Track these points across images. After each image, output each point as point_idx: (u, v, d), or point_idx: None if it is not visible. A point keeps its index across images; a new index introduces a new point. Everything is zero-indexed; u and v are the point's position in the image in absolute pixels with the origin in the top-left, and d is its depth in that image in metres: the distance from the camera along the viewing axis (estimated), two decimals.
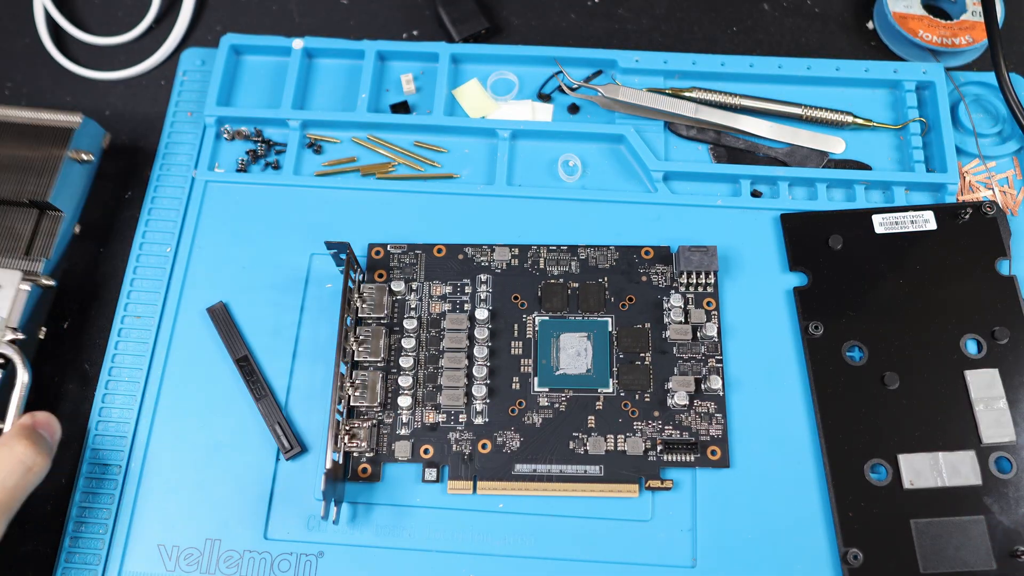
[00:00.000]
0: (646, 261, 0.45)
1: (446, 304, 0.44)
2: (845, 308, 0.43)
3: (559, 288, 0.44)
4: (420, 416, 0.42)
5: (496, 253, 0.45)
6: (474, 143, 0.49)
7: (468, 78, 0.51)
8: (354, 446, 0.40)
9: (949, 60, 0.51)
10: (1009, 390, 0.41)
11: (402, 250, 0.45)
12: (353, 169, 0.48)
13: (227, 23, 0.54)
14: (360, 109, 0.49)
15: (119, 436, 0.42)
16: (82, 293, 0.47)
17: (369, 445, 0.41)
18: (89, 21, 0.55)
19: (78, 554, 0.40)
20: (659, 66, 0.50)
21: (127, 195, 0.49)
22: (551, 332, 0.43)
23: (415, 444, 0.41)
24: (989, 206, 0.45)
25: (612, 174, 0.48)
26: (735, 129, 0.48)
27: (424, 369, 0.43)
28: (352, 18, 0.54)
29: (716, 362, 0.42)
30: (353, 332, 0.42)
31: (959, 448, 0.40)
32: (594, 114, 0.50)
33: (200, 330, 0.44)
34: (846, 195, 0.47)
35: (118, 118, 0.52)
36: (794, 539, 0.39)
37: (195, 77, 0.51)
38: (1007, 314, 0.43)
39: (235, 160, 0.49)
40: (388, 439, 0.41)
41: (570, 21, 0.54)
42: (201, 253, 0.46)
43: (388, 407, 0.42)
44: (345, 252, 0.41)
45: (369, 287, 0.43)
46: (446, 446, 0.41)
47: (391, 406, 0.42)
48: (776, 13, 0.54)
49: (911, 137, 0.48)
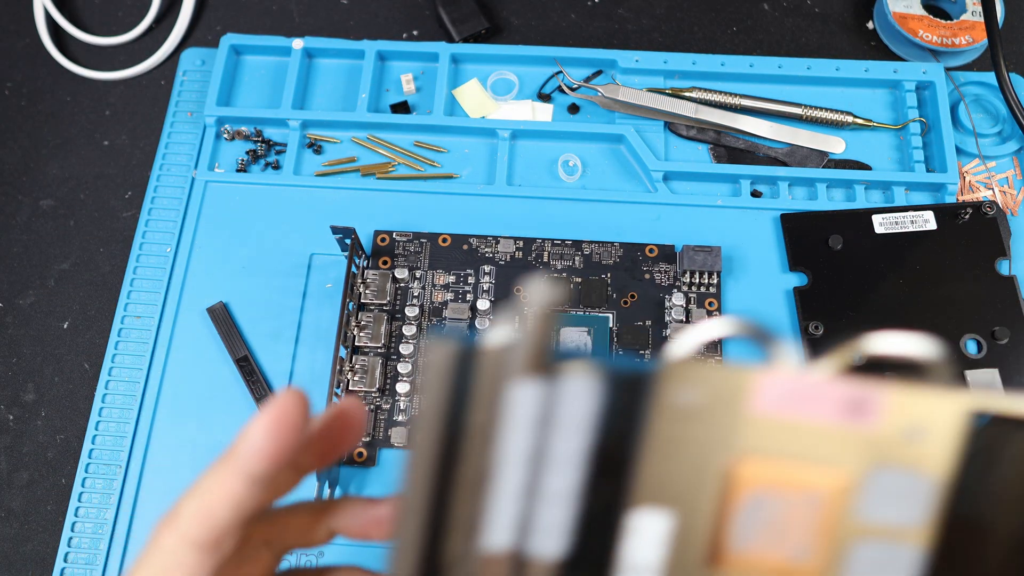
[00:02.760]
0: (650, 259, 0.45)
1: (448, 293, 0.44)
2: (845, 308, 0.43)
3: (562, 282, 0.44)
4: (418, 403, 0.42)
5: (500, 245, 0.45)
6: (474, 143, 0.49)
7: (468, 78, 0.51)
8: None
9: (949, 60, 0.51)
10: (1009, 390, 0.41)
11: (407, 238, 0.45)
12: (353, 169, 0.48)
13: (227, 23, 0.54)
14: (360, 109, 0.49)
15: (119, 436, 0.42)
16: (82, 293, 0.47)
17: (366, 430, 0.41)
18: (89, 21, 0.55)
19: (78, 554, 0.40)
20: (659, 66, 0.50)
21: (127, 195, 0.49)
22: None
23: (412, 431, 0.41)
24: (989, 206, 0.45)
25: (612, 174, 0.48)
26: (735, 129, 0.48)
27: (424, 357, 0.43)
28: (352, 18, 0.54)
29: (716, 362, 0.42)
30: (355, 317, 0.43)
31: None
32: (594, 114, 0.50)
33: (200, 330, 0.44)
34: (846, 195, 0.47)
35: (118, 118, 0.52)
36: None
37: (195, 77, 0.51)
38: (1007, 314, 0.43)
39: (235, 160, 0.49)
40: (385, 424, 0.41)
41: (570, 21, 0.54)
42: (201, 253, 0.46)
43: (386, 393, 0.42)
44: (350, 237, 0.41)
45: (373, 273, 0.44)
46: None
47: (389, 392, 0.42)
48: (776, 13, 0.54)
49: (911, 137, 0.48)
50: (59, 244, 0.48)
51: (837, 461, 0.15)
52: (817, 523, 0.15)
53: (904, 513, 0.14)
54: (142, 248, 0.46)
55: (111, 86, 0.53)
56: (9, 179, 0.50)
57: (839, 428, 0.14)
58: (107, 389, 0.43)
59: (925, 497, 0.14)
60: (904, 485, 0.14)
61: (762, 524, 0.15)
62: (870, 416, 0.14)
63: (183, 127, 0.50)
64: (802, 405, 0.15)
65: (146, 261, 0.46)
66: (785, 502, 0.15)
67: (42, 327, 0.46)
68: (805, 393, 0.15)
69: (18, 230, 0.48)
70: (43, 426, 0.43)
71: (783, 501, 0.15)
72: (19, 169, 0.50)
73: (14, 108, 0.52)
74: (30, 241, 0.48)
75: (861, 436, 0.14)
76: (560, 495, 0.15)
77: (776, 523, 0.15)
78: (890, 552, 0.14)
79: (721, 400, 0.15)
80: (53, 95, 0.53)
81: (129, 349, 0.44)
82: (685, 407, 0.15)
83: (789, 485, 0.15)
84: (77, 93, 0.53)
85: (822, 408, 0.14)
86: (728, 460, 0.15)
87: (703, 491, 0.15)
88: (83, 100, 0.52)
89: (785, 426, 0.15)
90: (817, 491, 0.15)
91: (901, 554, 0.14)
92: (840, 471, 0.15)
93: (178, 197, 0.48)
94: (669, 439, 0.15)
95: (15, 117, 0.52)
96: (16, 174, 0.50)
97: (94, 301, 0.46)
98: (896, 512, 0.14)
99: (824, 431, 0.15)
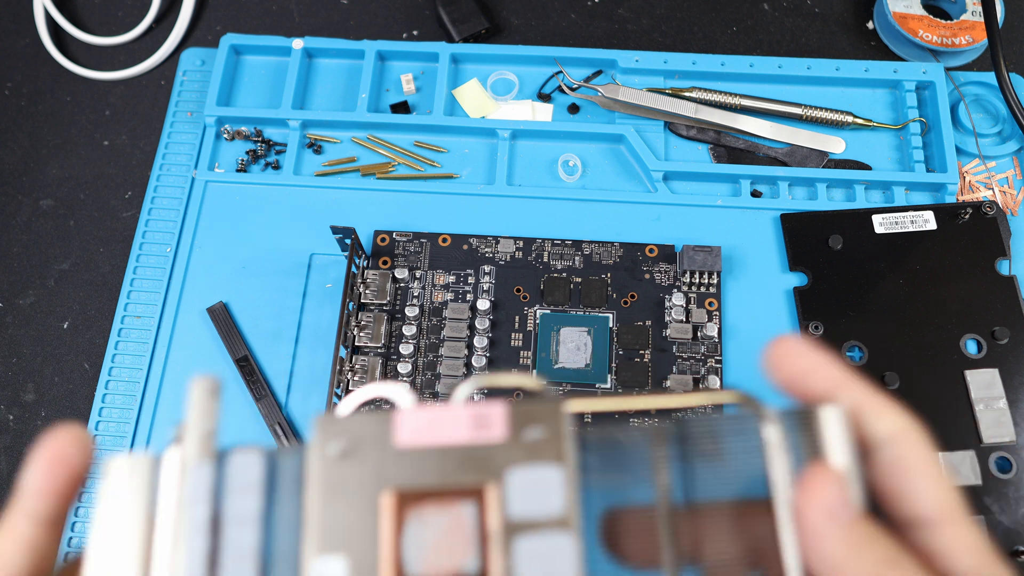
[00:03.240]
0: (650, 259, 0.45)
1: (448, 293, 0.44)
2: (845, 308, 0.43)
3: (562, 282, 0.44)
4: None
5: (500, 245, 0.45)
6: (474, 143, 0.49)
7: (468, 78, 0.51)
8: None
9: (949, 60, 0.51)
10: (1009, 390, 0.41)
11: (407, 238, 0.45)
12: (353, 169, 0.48)
13: (227, 23, 0.54)
14: (360, 109, 0.49)
15: (119, 436, 0.42)
16: (82, 293, 0.47)
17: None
18: (89, 21, 0.55)
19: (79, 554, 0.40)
20: (659, 66, 0.50)
21: (127, 195, 0.49)
22: (552, 325, 0.43)
23: None
24: (989, 206, 0.45)
25: (612, 174, 0.48)
26: (735, 129, 0.48)
27: (424, 357, 0.43)
28: (352, 18, 0.54)
29: (715, 362, 0.42)
30: (355, 317, 0.43)
31: (959, 448, 0.40)
32: (594, 114, 0.50)
33: (200, 330, 0.44)
34: (846, 195, 0.47)
35: (118, 118, 0.52)
36: None
37: (195, 77, 0.51)
38: (1007, 314, 0.43)
39: (235, 160, 0.49)
40: None
41: (570, 21, 0.54)
42: (201, 253, 0.46)
43: None
44: (350, 237, 0.41)
45: (373, 273, 0.44)
46: None
47: None
48: (776, 13, 0.54)
49: (911, 137, 0.48)
50: (59, 244, 0.48)
51: (478, 471, 0.17)
52: (478, 531, 0.17)
53: (545, 503, 0.17)
54: (142, 248, 0.46)
55: (111, 86, 0.53)
56: (9, 179, 0.50)
57: (472, 442, 0.17)
58: (107, 389, 0.43)
59: (558, 485, 0.17)
60: (536, 479, 0.17)
61: (429, 544, 0.17)
62: (493, 428, 0.17)
63: (183, 127, 0.50)
64: (438, 431, 0.17)
65: (146, 261, 0.46)
66: (444, 519, 0.17)
67: (42, 327, 0.46)
68: (439, 420, 0.17)
69: (18, 230, 0.48)
70: (43, 426, 0.43)
71: (442, 518, 0.17)
72: (19, 169, 0.50)
73: (14, 108, 0.52)
74: (30, 241, 0.48)
75: (491, 445, 0.17)
76: (243, 553, 0.17)
77: (441, 540, 0.17)
78: (548, 541, 0.16)
79: (369, 442, 0.17)
80: (53, 95, 0.53)
81: (129, 349, 0.44)
82: (341, 455, 0.17)
83: (443, 502, 0.17)
84: (77, 93, 0.53)
85: (455, 430, 0.17)
86: (384, 493, 0.17)
87: (369, 527, 0.17)
88: (83, 100, 0.52)
89: (428, 451, 0.17)
90: (468, 501, 0.17)
91: (559, 541, 0.16)
92: (481, 478, 0.17)
93: (178, 197, 0.48)
94: (332, 486, 0.17)
95: (15, 117, 0.52)
96: (16, 174, 0.50)
97: (94, 301, 0.46)
98: (538, 504, 0.17)
99: (461, 448, 0.17)
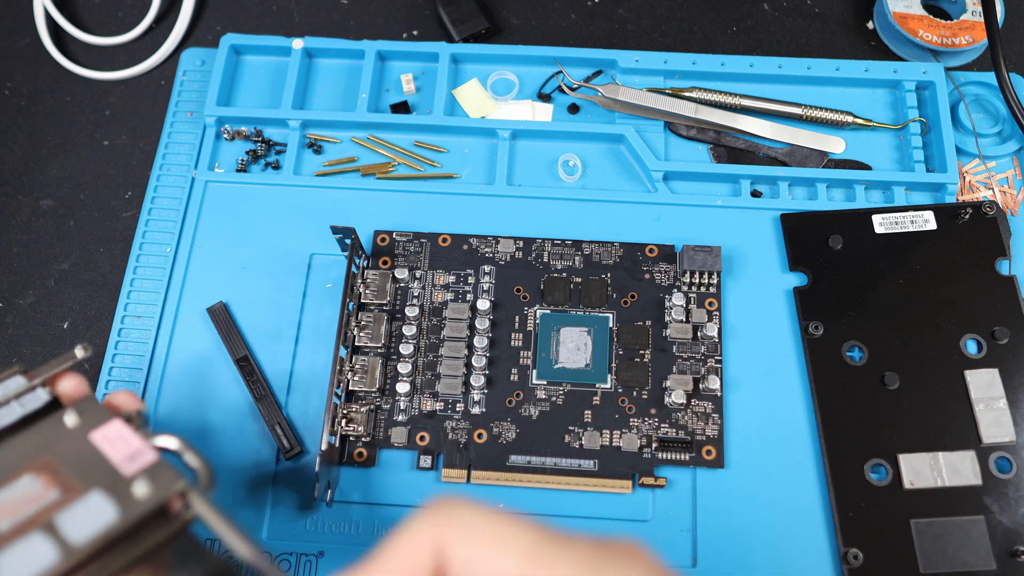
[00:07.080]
0: (650, 259, 0.45)
1: (448, 293, 0.44)
2: (845, 308, 0.43)
3: (562, 282, 0.44)
4: (418, 403, 0.42)
5: (500, 245, 0.45)
6: (474, 143, 0.49)
7: (468, 78, 0.51)
8: (351, 430, 0.41)
9: (949, 60, 0.51)
10: (1009, 390, 0.41)
11: (407, 238, 0.45)
12: (353, 169, 0.48)
13: (227, 23, 0.54)
14: (360, 109, 0.49)
15: None
16: (82, 293, 0.47)
17: (366, 430, 0.41)
18: (89, 21, 0.55)
19: None
20: (659, 66, 0.50)
21: (127, 195, 0.49)
22: (552, 325, 0.43)
23: (411, 431, 0.41)
24: (989, 206, 0.45)
25: (612, 174, 0.48)
26: (735, 129, 0.48)
27: (424, 357, 0.43)
28: (352, 18, 0.54)
29: (716, 362, 0.42)
30: (355, 317, 0.43)
31: (959, 448, 0.40)
32: (594, 114, 0.50)
33: (200, 330, 0.44)
34: (846, 195, 0.47)
35: (118, 118, 0.52)
36: (794, 539, 0.39)
37: (195, 77, 0.51)
38: (1007, 314, 0.43)
39: (235, 160, 0.49)
40: (385, 425, 0.41)
41: (570, 21, 0.54)
42: (201, 253, 0.46)
43: (386, 393, 0.42)
44: (350, 237, 0.41)
45: (373, 273, 0.44)
46: (442, 434, 0.41)
47: (389, 392, 0.42)
48: (776, 13, 0.54)
49: (911, 137, 0.48)
50: (59, 244, 0.48)
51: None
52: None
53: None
54: (142, 248, 0.46)
55: (111, 86, 0.53)
56: (9, 179, 0.50)
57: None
58: (107, 389, 0.43)
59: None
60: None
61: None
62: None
63: (183, 127, 0.50)
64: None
65: (146, 261, 0.46)
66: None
67: (42, 327, 0.46)
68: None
69: (18, 230, 0.49)
70: None
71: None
72: (19, 169, 0.50)
73: (14, 108, 0.52)
74: (30, 241, 0.48)
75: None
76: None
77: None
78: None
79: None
80: (53, 95, 0.53)
81: (129, 349, 0.44)
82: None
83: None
84: (77, 93, 0.53)
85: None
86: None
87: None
88: (83, 100, 0.52)
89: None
90: None
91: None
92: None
93: (178, 197, 0.48)
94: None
95: (15, 117, 0.52)
96: (16, 174, 0.50)
97: (94, 301, 0.46)
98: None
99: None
